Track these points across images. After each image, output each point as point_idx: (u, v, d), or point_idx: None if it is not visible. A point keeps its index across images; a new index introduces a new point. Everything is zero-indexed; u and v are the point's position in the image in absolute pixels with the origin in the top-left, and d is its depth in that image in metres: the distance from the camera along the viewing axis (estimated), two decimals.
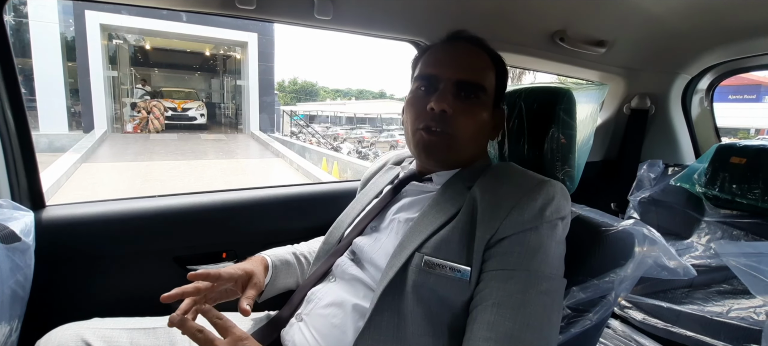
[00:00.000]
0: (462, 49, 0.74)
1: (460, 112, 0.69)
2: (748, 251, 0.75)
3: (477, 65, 0.73)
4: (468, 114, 0.70)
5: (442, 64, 0.72)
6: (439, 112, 0.69)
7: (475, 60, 0.73)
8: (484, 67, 0.73)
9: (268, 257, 0.81)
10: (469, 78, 0.70)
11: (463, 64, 0.71)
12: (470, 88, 0.70)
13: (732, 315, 1.02)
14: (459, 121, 0.69)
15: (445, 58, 0.73)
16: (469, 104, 0.71)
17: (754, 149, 1.11)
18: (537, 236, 0.59)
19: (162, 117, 13.91)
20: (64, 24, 11.35)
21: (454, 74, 0.70)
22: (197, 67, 19.96)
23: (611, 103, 1.55)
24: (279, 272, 0.81)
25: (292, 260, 0.85)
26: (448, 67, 0.71)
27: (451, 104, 0.69)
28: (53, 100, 10.61)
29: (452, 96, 0.70)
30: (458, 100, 0.70)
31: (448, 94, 0.69)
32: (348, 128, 19.44)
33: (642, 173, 1.39)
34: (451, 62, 0.72)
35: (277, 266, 0.81)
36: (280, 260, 0.82)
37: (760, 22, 1.08)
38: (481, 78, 0.72)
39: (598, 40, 1.19)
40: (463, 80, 0.70)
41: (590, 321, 0.70)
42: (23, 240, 0.76)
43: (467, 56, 0.73)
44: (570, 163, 0.78)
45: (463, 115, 0.70)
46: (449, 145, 0.71)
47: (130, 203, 1.03)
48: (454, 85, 0.70)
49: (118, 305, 1.00)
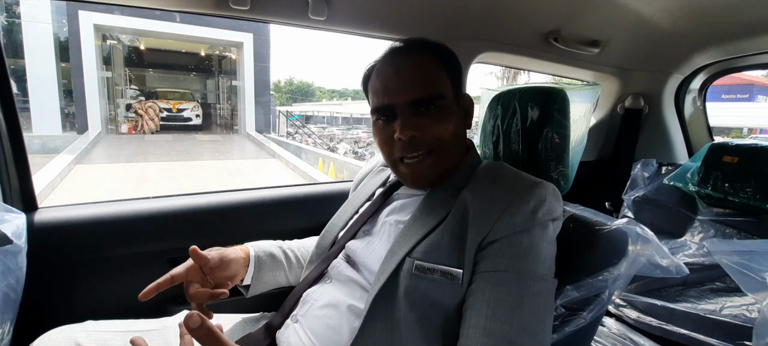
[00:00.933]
0: (405, 66, 0.69)
1: (429, 126, 0.67)
2: (739, 249, 0.76)
3: (425, 76, 0.68)
4: (436, 125, 0.68)
5: (390, 92, 0.68)
6: (408, 140, 0.67)
7: (421, 71, 0.68)
8: (433, 72, 0.69)
9: (251, 248, 0.81)
10: (422, 94, 0.67)
11: (411, 81, 0.67)
12: (428, 101, 0.67)
13: (725, 313, 1.03)
14: (433, 134, 0.68)
15: (390, 84, 0.68)
16: (433, 115, 0.68)
17: (746, 148, 1.12)
18: (529, 237, 0.59)
19: (156, 118, 13.83)
20: (57, 24, 11.25)
21: (406, 97, 0.67)
22: (192, 68, 19.86)
23: (605, 102, 1.56)
24: (263, 264, 0.80)
25: (278, 253, 0.84)
26: (398, 92, 0.67)
27: (417, 126, 0.66)
28: (46, 101, 10.52)
29: (414, 116, 0.67)
30: (421, 117, 0.67)
31: (408, 117, 0.67)
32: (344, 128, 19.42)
33: (636, 172, 1.40)
34: (398, 86, 0.68)
35: (260, 257, 0.80)
36: (263, 252, 0.81)
37: (750, 22, 1.09)
38: (434, 86, 0.68)
39: (592, 40, 1.20)
40: (419, 98, 0.67)
41: (584, 320, 0.71)
42: (15, 243, 0.75)
43: (412, 69, 0.68)
44: (564, 162, 0.78)
45: (433, 128, 0.68)
46: (434, 162, 0.69)
47: (123, 205, 1.02)
48: (409, 106, 0.67)
49: (111, 307, 0.99)
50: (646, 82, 1.44)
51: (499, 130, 0.86)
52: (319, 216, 1.20)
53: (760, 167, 1.08)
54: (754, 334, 0.71)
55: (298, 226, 1.18)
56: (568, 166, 0.79)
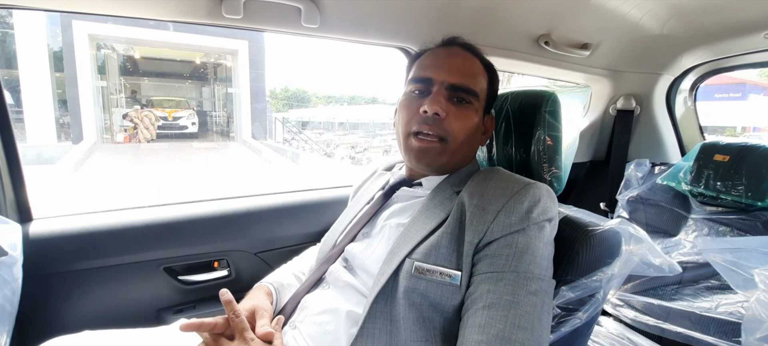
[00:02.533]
0: (456, 54, 0.75)
1: (452, 116, 0.70)
2: (728, 246, 0.77)
3: (470, 70, 0.74)
4: (460, 118, 0.71)
5: (436, 68, 0.73)
6: (432, 115, 0.69)
7: (468, 65, 0.74)
8: (477, 73, 0.74)
9: (269, 285, 0.80)
10: (463, 82, 0.71)
11: (457, 68, 0.72)
12: (463, 92, 0.71)
13: (720, 310, 1.04)
14: (451, 125, 0.70)
15: (438, 62, 0.74)
16: (462, 108, 0.72)
17: (736, 147, 1.14)
18: (525, 237, 0.60)
19: (152, 127, 13.78)
20: (51, 34, 11.22)
21: (447, 77, 0.71)
22: (188, 76, 19.81)
23: (598, 104, 1.57)
24: (283, 297, 0.80)
25: (294, 282, 0.84)
26: (442, 70, 0.72)
27: (444, 107, 0.69)
28: (41, 112, 10.46)
29: (445, 99, 0.71)
30: (451, 104, 0.71)
31: (441, 97, 0.70)
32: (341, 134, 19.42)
33: (629, 172, 1.41)
34: (444, 66, 0.73)
35: (280, 292, 0.80)
36: (281, 285, 0.81)
37: (736, 24, 1.11)
38: (474, 83, 0.73)
39: (582, 43, 1.22)
40: (457, 84, 0.71)
41: (580, 320, 0.71)
42: (10, 254, 0.75)
43: (461, 61, 0.74)
44: (557, 164, 0.79)
45: (456, 119, 0.70)
46: (441, 150, 0.71)
47: (119, 215, 1.02)
48: (447, 88, 0.71)
49: (108, 317, 0.99)
50: (636, 83, 1.46)
51: (492, 132, 0.87)
52: (320, 222, 1.20)
53: (750, 165, 1.09)
54: (743, 330, 0.72)
55: (298, 232, 1.18)
56: (560, 168, 0.80)
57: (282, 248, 1.17)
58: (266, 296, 0.76)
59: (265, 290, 0.78)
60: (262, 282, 0.81)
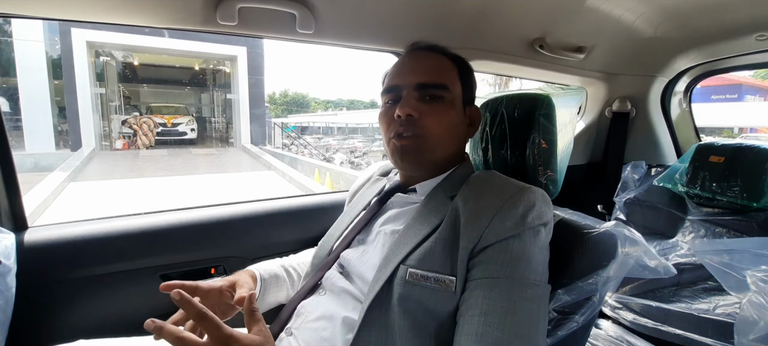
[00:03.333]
0: (420, 56, 0.76)
1: (426, 114, 0.71)
2: (721, 248, 0.77)
3: (436, 66, 0.75)
4: (434, 114, 0.71)
5: (402, 74, 0.75)
6: (405, 118, 0.70)
7: (433, 63, 0.75)
8: (444, 67, 0.75)
9: (256, 270, 0.81)
10: (429, 79, 0.72)
11: (421, 68, 0.74)
12: (432, 88, 0.72)
13: (718, 312, 1.04)
14: (427, 122, 0.71)
15: (404, 69, 0.75)
16: (435, 105, 0.72)
17: (731, 148, 1.14)
18: (520, 242, 0.60)
19: (151, 133, 13.79)
20: (49, 42, 11.24)
21: (414, 79, 0.72)
22: (187, 82, 19.86)
23: (593, 107, 1.58)
24: (268, 286, 0.81)
25: (282, 273, 0.85)
26: (408, 74, 0.74)
27: (415, 108, 0.70)
28: (39, 119, 10.46)
29: (416, 100, 0.72)
30: (423, 103, 0.72)
31: (411, 99, 0.71)
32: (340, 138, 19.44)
33: (626, 174, 1.41)
34: (409, 69, 0.74)
35: (265, 279, 0.80)
36: (268, 273, 0.82)
37: (728, 26, 1.12)
38: (442, 77, 0.74)
39: (577, 46, 1.22)
40: (424, 83, 0.72)
41: (576, 323, 0.71)
42: (3, 263, 0.75)
43: (425, 61, 0.75)
44: (552, 167, 0.79)
45: (430, 115, 0.71)
46: (421, 147, 0.72)
47: (115, 222, 1.02)
48: (415, 89, 0.72)
49: (104, 325, 0.98)
50: (631, 85, 1.47)
51: (488, 136, 0.87)
52: (316, 227, 1.20)
53: (745, 166, 1.09)
54: (735, 331, 0.72)
55: (295, 237, 1.18)
56: (556, 171, 0.80)
57: (278, 254, 1.16)
58: (250, 278, 0.78)
59: (250, 273, 0.79)
60: (249, 268, 0.82)
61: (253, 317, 0.57)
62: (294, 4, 0.88)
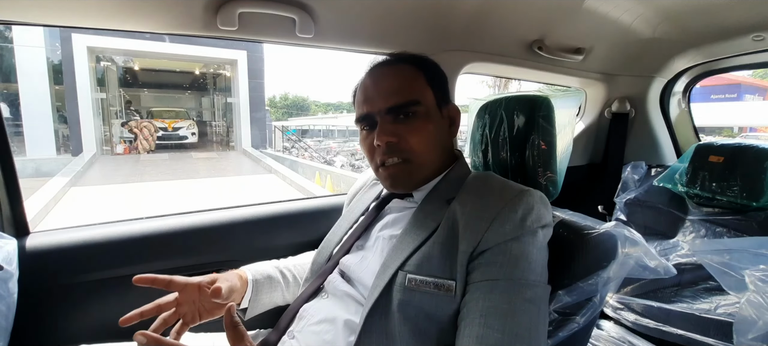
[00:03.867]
0: (382, 76, 0.74)
1: (405, 134, 0.70)
2: (719, 248, 0.77)
3: (400, 83, 0.72)
4: (413, 132, 0.70)
5: (368, 101, 0.73)
6: (385, 146, 0.70)
7: (397, 79, 0.72)
8: (409, 80, 0.73)
9: (247, 270, 0.81)
10: (397, 100, 0.70)
11: (387, 90, 0.71)
12: (404, 107, 0.70)
13: (720, 311, 1.04)
14: (408, 142, 0.70)
15: (370, 93, 0.73)
16: (410, 122, 0.71)
17: (730, 148, 1.14)
18: (519, 245, 0.60)
19: (151, 138, 13.81)
20: (50, 47, 11.28)
21: (382, 104, 0.71)
22: (187, 86, 19.90)
23: (593, 108, 1.58)
24: (261, 287, 0.81)
25: (275, 273, 0.85)
26: (375, 100, 0.71)
27: (393, 132, 0.69)
28: (40, 125, 10.49)
29: (391, 123, 0.70)
30: (399, 124, 0.70)
31: (386, 124, 0.70)
32: (341, 141, 19.45)
33: (626, 174, 1.41)
34: (376, 93, 0.72)
35: (257, 279, 0.80)
36: (260, 274, 0.82)
37: (726, 26, 1.12)
38: (409, 93, 0.71)
39: (575, 47, 1.23)
40: (393, 105, 0.70)
41: (577, 324, 0.71)
42: (5, 269, 0.75)
43: (389, 80, 0.72)
44: (552, 168, 0.79)
45: (409, 135, 0.70)
46: (409, 170, 0.72)
47: (115, 227, 1.02)
48: (387, 113, 0.71)
49: (105, 330, 0.98)
50: (630, 86, 1.47)
51: (487, 138, 0.87)
52: (315, 230, 1.20)
53: (744, 166, 1.09)
54: (734, 331, 0.71)
55: (294, 241, 1.18)
56: (556, 172, 0.80)
57: (279, 257, 1.17)
58: (236, 277, 0.78)
59: (239, 274, 0.79)
60: (240, 268, 0.82)
61: (237, 332, 0.54)
62: (293, 9, 0.88)
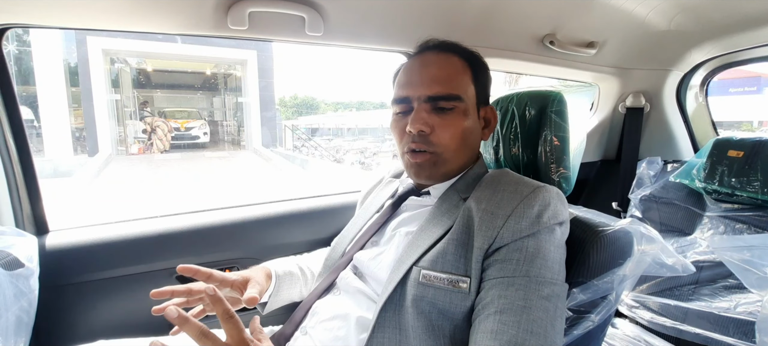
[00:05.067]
0: (430, 62, 0.72)
1: (439, 127, 0.69)
2: (740, 244, 0.75)
3: (447, 75, 0.71)
4: (447, 127, 0.70)
5: (411, 84, 0.71)
6: (417, 133, 0.69)
7: (444, 70, 0.71)
8: (456, 74, 0.72)
9: (271, 266, 0.82)
10: (440, 91, 0.69)
11: (432, 78, 0.70)
12: (443, 100, 0.69)
13: (740, 310, 1.01)
14: (440, 136, 0.69)
15: (413, 77, 0.72)
16: (447, 116, 0.70)
17: (750, 142, 1.11)
18: (535, 241, 0.59)
19: (165, 138, 14.04)
20: (66, 50, 11.54)
21: (424, 91, 0.69)
22: (199, 87, 20.15)
23: (606, 103, 1.55)
24: (282, 283, 0.82)
25: (296, 270, 0.86)
26: (418, 86, 0.70)
27: (427, 122, 0.69)
28: (57, 126, 10.74)
29: (427, 113, 0.69)
30: (435, 115, 0.70)
31: (422, 112, 0.69)
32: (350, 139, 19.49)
33: (641, 170, 1.38)
34: (419, 80, 0.71)
35: (280, 275, 0.81)
36: (283, 271, 0.83)
37: (745, 17, 1.09)
38: (453, 87, 0.70)
39: (588, 41, 1.21)
40: (434, 95, 0.69)
41: (592, 322, 0.70)
42: (27, 266, 0.77)
43: (436, 68, 0.71)
44: (565, 164, 0.78)
45: (443, 129, 0.69)
46: (436, 162, 0.71)
47: (132, 225, 1.04)
48: (426, 101, 0.70)
49: (122, 326, 1.00)
50: (645, 80, 1.44)
51: (498, 135, 0.87)
52: (329, 228, 1.21)
53: (765, 161, 1.06)
54: (757, 330, 0.70)
55: (308, 238, 1.19)
56: (569, 168, 0.79)
57: (291, 254, 1.18)
58: (265, 276, 0.78)
59: (266, 270, 0.80)
60: (264, 264, 0.83)
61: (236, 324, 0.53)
62: (303, 7, 0.89)
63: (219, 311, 0.52)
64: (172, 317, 0.49)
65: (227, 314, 0.52)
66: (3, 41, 0.86)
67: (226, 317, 0.52)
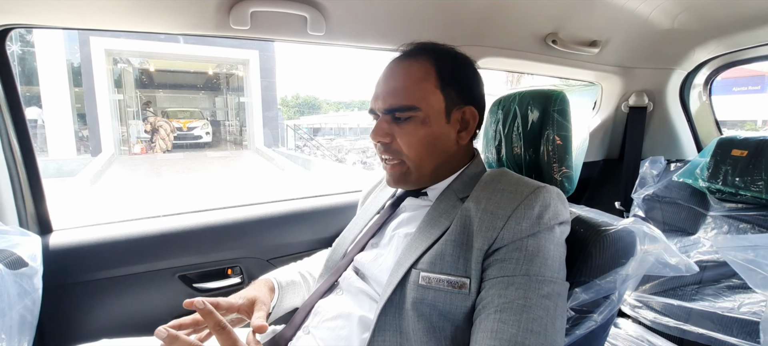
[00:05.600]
0: (391, 73, 0.73)
1: (399, 136, 0.71)
2: (745, 244, 0.74)
3: (403, 86, 0.70)
4: (406, 136, 0.70)
5: (375, 97, 0.74)
6: (381, 144, 0.72)
7: (401, 80, 0.71)
8: (415, 82, 0.70)
9: (273, 279, 0.81)
10: (394, 103, 0.70)
11: (389, 91, 0.71)
12: (399, 111, 0.70)
13: (743, 310, 1.00)
14: (400, 145, 0.71)
15: (378, 89, 0.73)
16: (405, 125, 0.70)
17: (754, 141, 1.10)
18: (535, 241, 0.59)
19: (168, 138, 14.08)
20: (69, 51, 11.59)
21: (383, 104, 0.71)
22: (201, 87, 20.21)
23: (609, 101, 1.55)
24: (286, 293, 0.81)
25: (298, 279, 0.85)
26: (378, 98, 0.72)
27: (386, 132, 0.71)
28: (61, 126, 10.79)
29: (388, 123, 0.71)
30: (395, 125, 0.71)
31: (383, 123, 0.71)
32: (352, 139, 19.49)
33: (644, 170, 1.38)
34: (381, 92, 0.72)
35: (282, 286, 0.81)
36: (285, 281, 0.82)
37: (749, 15, 1.08)
38: (408, 97, 0.69)
39: (591, 40, 1.20)
40: (391, 107, 0.70)
41: (595, 322, 0.70)
42: (30, 265, 0.77)
43: (394, 80, 0.71)
44: (567, 164, 0.78)
45: (402, 137, 0.71)
46: (403, 171, 0.73)
47: (134, 225, 1.04)
48: (386, 113, 0.71)
49: (125, 325, 1.01)
50: (648, 79, 1.43)
51: (500, 134, 0.86)
52: (330, 227, 1.21)
53: None
54: (761, 330, 0.69)
55: (309, 238, 1.19)
56: (571, 168, 0.78)
57: (293, 255, 1.18)
58: (269, 290, 0.78)
59: (269, 284, 0.79)
60: (267, 276, 0.82)
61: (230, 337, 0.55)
62: (305, 7, 0.89)
63: (210, 323, 0.54)
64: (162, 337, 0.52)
65: (219, 326, 0.54)
66: (6, 41, 0.87)
67: (218, 328, 0.54)
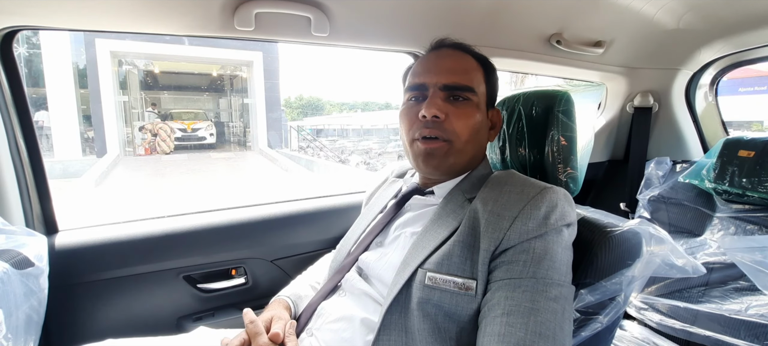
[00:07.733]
0: (446, 55, 0.75)
1: (453, 116, 0.70)
2: (753, 245, 0.74)
3: (462, 67, 0.73)
4: (461, 116, 0.70)
5: (428, 72, 0.73)
6: (431, 119, 0.69)
7: (460, 63, 0.74)
8: (471, 69, 0.74)
9: (287, 298, 0.80)
10: (456, 80, 0.71)
11: (448, 68, 0.72)
12: (459, 89, 0.71)
13: (751, 312, 0.99)
14: (453, 125, 0.70)
15: (430, 66, 0.74)
16: (461, 106, 0.71)
17: (761, 142, 1.10)
18: (543, 242, 0.59)
19: (168, 139, 14.14)
20: (75, 52, 11.68)
21: (440, 79, 0.71)
22: (205, 88, 20.30)
23: (614, 102, 1.54)
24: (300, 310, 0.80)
25: (310, 293, 0.84)
26: (435, 74, 0.72)
27: (442, 109, 0.69)
28: (67, 127, 10.88)
29: (442, 100, 0.70)
30: (449, 104, 0.71)
31: (437, 99, 0.70)
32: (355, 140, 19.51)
33: (650, 171, 1.37)
34: (436, 68, 0.73)
35: (297, 304, 0.80)
36: (298, 297, 0.81)
37: (755, 15, 1.08)
38: (469, 79, 0.72)
39: (596, 41, 1.20)
40: (451, 83, 0.71)
41: (601, 324, 0.69)
42: (36, 265, 0.78)
43: (452, 60, 0.74)
44: (572, 165, 0.77)
45: (457, 118, 0.70)
46: (447, 151, 0.71)
47: (140, 225, 1.05)
48: (442, 89, 0.71)
49: (130, 325, 1.01)
50: (654, 79, 1.43)
51: (505, 135, 0.86)
52: (334, 228, 1.21)
53: None
54: None
55: (314, 238, 1.19)
56: (576, 168, 0.78)
57: (298, 255, 1.18)
58: (285, 309, 0.77)
59: (284, 303, 0.78)
60: (280, 295, 0.81)
61: None
62: (309, 8, 0.89)
63: None
64: None
65: None
66: (13, 44, 0.87)
67: None
